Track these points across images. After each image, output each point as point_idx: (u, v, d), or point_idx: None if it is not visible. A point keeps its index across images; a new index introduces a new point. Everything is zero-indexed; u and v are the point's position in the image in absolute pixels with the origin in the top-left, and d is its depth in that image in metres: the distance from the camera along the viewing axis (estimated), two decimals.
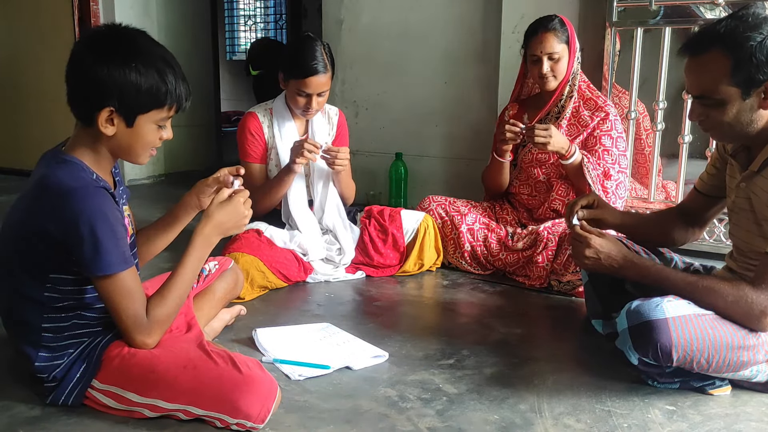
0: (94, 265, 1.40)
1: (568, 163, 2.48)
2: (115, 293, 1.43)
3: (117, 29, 1.45)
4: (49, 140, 1.62)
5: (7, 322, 1.56)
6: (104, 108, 1.39)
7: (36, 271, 1.45)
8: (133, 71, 1.39)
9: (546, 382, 1.71)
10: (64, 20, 4.31)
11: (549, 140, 2.41)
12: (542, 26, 2.53)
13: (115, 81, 1.38)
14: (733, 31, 1.52)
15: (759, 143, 1.61)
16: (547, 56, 2.51)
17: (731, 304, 1.56)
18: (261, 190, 2.51)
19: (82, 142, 1.47)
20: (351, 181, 2.66)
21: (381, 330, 2.05)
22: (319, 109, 2.49)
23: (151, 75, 1.40)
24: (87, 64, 1.39)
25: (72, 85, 1.44)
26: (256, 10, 9.73)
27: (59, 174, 1.41)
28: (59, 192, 1.39)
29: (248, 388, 1.42)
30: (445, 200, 2.75)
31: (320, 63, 2.38)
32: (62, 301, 1.47)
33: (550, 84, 2.56)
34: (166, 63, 1.44)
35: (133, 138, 1.45)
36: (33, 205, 1.44)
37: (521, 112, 2.74)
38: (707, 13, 2.80)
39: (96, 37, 1.44)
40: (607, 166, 2.52)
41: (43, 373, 1.49)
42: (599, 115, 2.56)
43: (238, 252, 2.31)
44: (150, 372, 1.45)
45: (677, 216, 1.97)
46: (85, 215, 1.37)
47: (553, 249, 2.46)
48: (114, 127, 1.42)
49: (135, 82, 1.39)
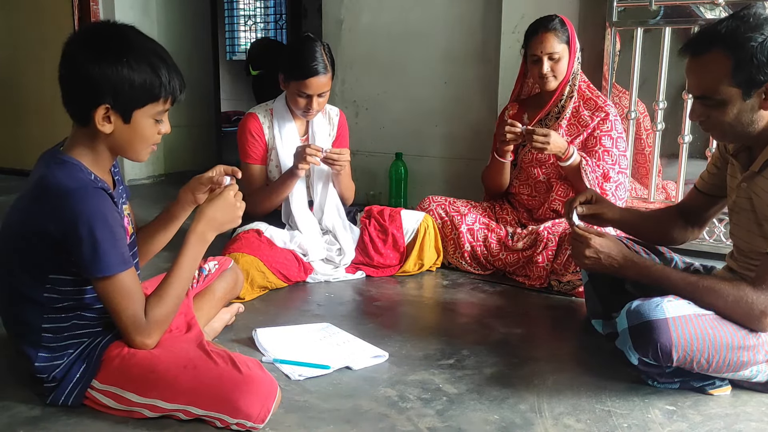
0: (93, 267, 1.40)
1: (566, 165, 2.48)
2: (114, 294, 1.43)
3: (106, 25, 1.45)
4: (49, 140, 1.63)
5: (7, 322, 1.56)
6: (100, 106, 1.39)
7: (36, 271, 1.45)
8: (125, 67, 1.38)
9: (546, 382, 1.71)
10: (64, 20, 4.31)
11: (547, 146, 2.40)
12: (543, 26, 2.52)
13: (108, 78, 1.37)
14: (734, 31, 1.52)
15: (760, 143, 1.61)
16: (548, 56, 2.51)
17: (731, 304, 1.56)
18: (263, 192, 2.51)
19: (80, 141, 1.46)
20: (351, 182, 2.66)
21: (381, 330, 2.05)
22: (320, 109, 2.49)
23: (143, 69, 1.40)
24: (79, 63, 1.39)
25: (66, 85, 1.43)
26: (256, 10, 9.72)
27: (58, 175, 1.41)
28: (58, 193, 1.39)
29: (248, 388, 1.42)
30: (445, 200, 2.75)
31: (320, 64, 2.38)
32: (62, 302, 1.47)
33: (550, 84, 2.56)
34: (158, 56, 1.43)
35: (131, 134, 1.45)
36: (32, 206, 1.43)
37: (521, 112, 2.74)
38: (707, 13, 2.80)
39: (86, 35, 1.44)
40: (606, 168, 2.51)
41: (43, 374, 1.49)
42: (599, 115, 2.56)
43: (238, 252, 2.31)
44: (150, 372, 1.45)
45: (677, 214, 1.97)
46: (84, 216, 1.37)
47: (553, 249, 2.46)
48: (111, 124, 1.42)
49: (128, 78, 1.38)
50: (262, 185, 2.56)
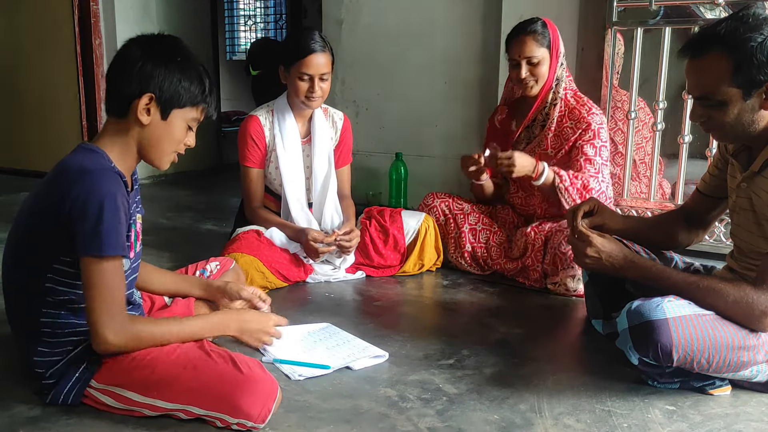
0: (90, 244, 1.39)
1: (538, 183, 2.41)
2: (98, 278, 1.40)
3: (163, 34, 1.55)
4: (48, 140, 1.64)
5: (10, 313, 1.57)
6: (145, 94, 1.47)
7: (40, 257, 1.47)
8: (177, 66, 1.49)
9: (546, 382, 1.71)
10: (64, 20, 4.30)
11: (513, 168, 2.35)
12: (522, 29, 2.46)
13: (159, 71, 1.47)
14: (734, 32, 1.52)
15: (760, 144, 1.61)
16: (526, 60, 2.44)
17: (732, 304, 1.56)
18: (267, 215, 2.52)
19: (111, 134, 1.52)
20: (351, 202, 2.68)
21: (381, 330, 2.05)
22: (323, 96, 2.45)
23: (191, 74, 1.51)
24: (134, 55, 1.48)
25: (115, 75, 1.51)
26: (256, 10, 9.71)
27: (79, 158, 1.48)
28: (76, 172, 1.43)
29: (249, 388, 1.42)
30: (449, 197, 2.74)
31: (318, 43, 2.38)
32: (60, 295, 1.48)
33: (530, 89, 2.49)
34: (204, 70, 1.56)
35: (164, 131, 1.52)
36: (49, 186, 1.48)
37: (509, 117, 2.70)
38: (707, 13, 2.80)
39: (143, 37, 1.54)
40: (587, 178, 2.43)
41: (41, 369, 1.50)
42: (581, 126, 2.46)
43: (237, 252, 2.31)
44: (150, 372, 1.45)
45: (680, 218, 1.96)
46: (97, 194, 1.39)
47: (540, 250, 2.45)
48: (149, 117, 1.49)
49: (177, 76, 1.49)
50: (262, 191, 2.57)
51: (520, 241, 2.53)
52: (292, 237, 2.47)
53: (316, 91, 2.39)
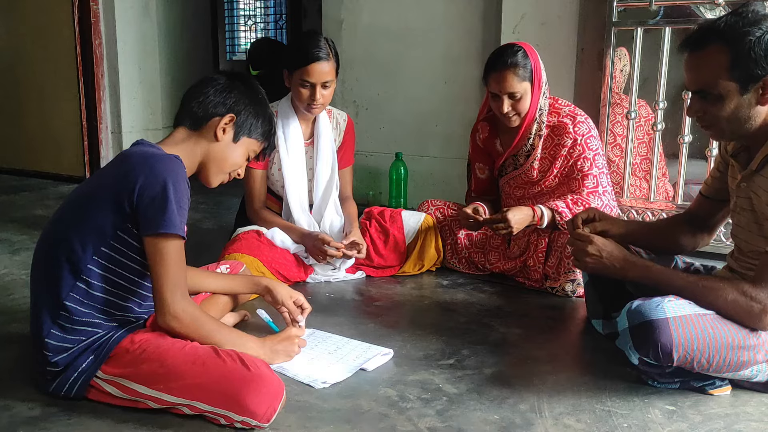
0: (157, 221, 1.46)
1: (544, 226, 2.39)
2: (165, 255, 1.48)
3: (245, 73, 1.69)
4: (48, 140, 1.64)
5: (35, 288, 1.57)
6: (229, 113, 1.64)
7: (91, 237, 1.49)
8: (258, 102, 1.71)
9: (546, 382, 1.71)
10: (64, 20, 4.29)
11: (512, 229, 2.32)
12: (502, 63, 2.32)
13: (245, 101, 1.68)
14: (733, 26, 1.52)
15: (757, 142, 1.61)
16: (507, 95, 2.34)
17: (732, 304, 1.56)
18: (270, 216, 2.52)
19: (178, 141, 1.65)
20: (353, 203, 2.68)
21: (381, 330, 2.05)
22: (325, 103, 2.45)
23: (267, 113, 1.73)
24: (225, 84, 1.67)
25: (203, 95, 1.66)
26: (256, 10, 9.71)
27: (143, 148, 1.58)
28: (143, 156, 1.52)
29: (257, 386, 1.43)
30: (444, 204, 2.74)
31: (322, 50, 2.36)
32: (95, 281, 1.50)
33: (512, 122, 2.40)
34: (272, 114, 1.76)
35: (230, 152, 1.68)
36: (116, 169, 1.55)
37: (493, 135, 2.60)
38: (707, 13, 2.80)
39: (230, 71, 1.76)
40: (586, 201, 2.36)
41: (49, 351, 1.50)
42: (566, 143, 2.41)
43: (237, 252, 2.31)
44: (159, 365, 1.47)
45: (684, 222, 1.95)
46: (168, 177, 1.47)
47: (543, 251, 2.45)
48: (224, 135, 1.65)
49: (257, 110, 1.70)
50: (264, 193, 2.57)
51: (521, 240, 2.53)
52: (298, 240, 2.47)
53: (317, 99, 2.39)
